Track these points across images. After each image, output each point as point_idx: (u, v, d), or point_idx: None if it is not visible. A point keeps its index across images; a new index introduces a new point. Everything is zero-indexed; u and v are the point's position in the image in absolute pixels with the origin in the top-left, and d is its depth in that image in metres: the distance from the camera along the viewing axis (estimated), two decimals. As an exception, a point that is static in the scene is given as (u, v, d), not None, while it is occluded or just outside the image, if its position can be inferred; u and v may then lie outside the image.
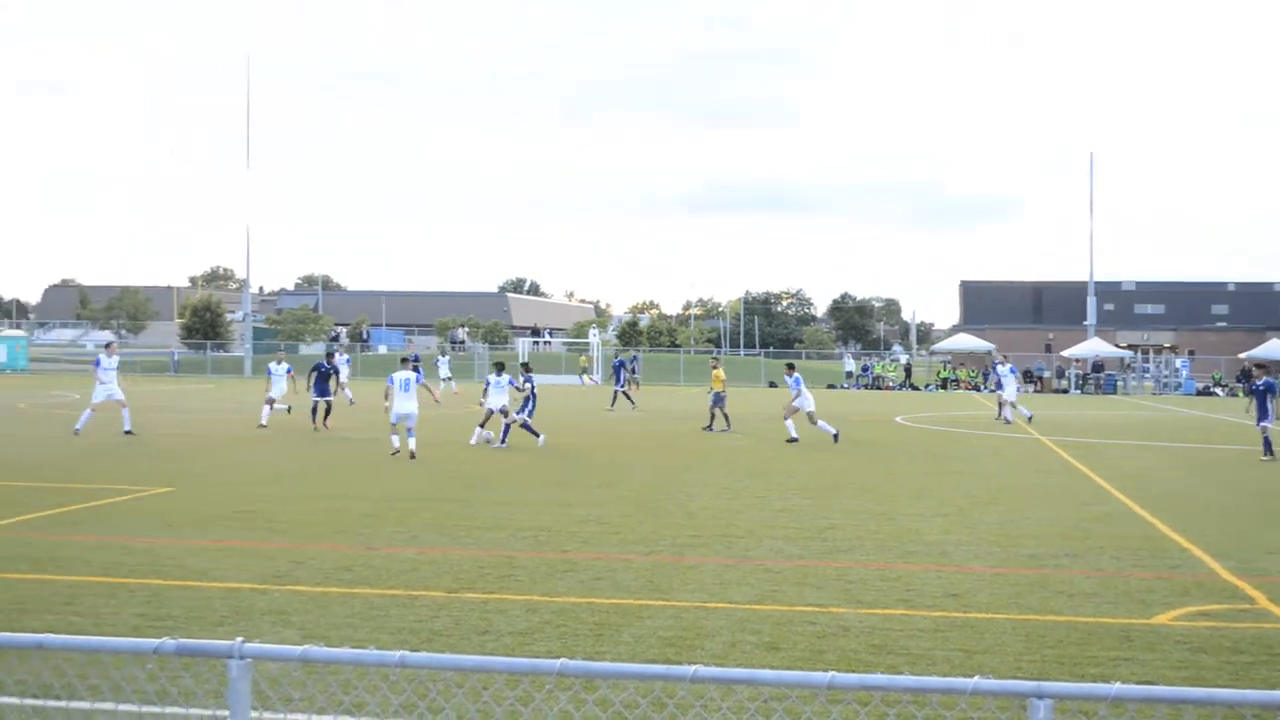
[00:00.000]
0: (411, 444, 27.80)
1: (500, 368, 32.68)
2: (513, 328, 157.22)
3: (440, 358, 62.40)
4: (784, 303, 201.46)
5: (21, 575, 13.61)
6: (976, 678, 4.73)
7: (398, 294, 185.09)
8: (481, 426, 31.90)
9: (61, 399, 51.05)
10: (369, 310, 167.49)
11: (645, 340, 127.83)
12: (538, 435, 31.33)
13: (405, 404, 28.62)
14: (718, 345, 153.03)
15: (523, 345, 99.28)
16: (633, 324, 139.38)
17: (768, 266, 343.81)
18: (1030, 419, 44.69)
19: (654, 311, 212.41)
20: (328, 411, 36.11)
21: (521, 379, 33.08)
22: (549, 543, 16.24)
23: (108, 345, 36.65)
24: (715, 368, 39.18)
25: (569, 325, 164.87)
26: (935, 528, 18.04)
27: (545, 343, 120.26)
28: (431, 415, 38.53)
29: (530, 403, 32.84)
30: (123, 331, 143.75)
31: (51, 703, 8.41)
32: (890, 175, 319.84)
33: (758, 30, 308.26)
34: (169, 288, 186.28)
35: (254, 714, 5.14)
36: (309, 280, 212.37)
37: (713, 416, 37.92)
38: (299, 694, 8.61)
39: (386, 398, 29.02)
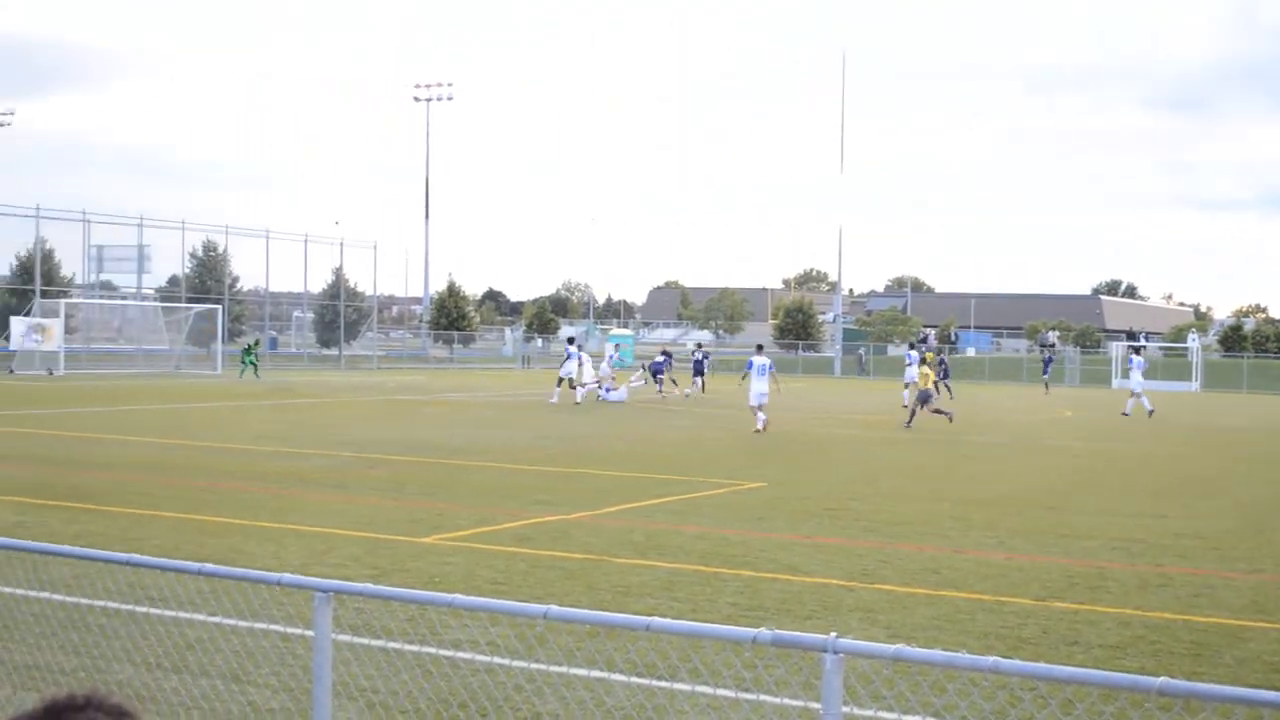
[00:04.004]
0: (762, 422, 33.33)
1: (571, 340, 46.91)
2: (1105, 330, 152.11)
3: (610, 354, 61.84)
4: None
5: (626, 560, 14.46)
6: None
7: (986, 295, 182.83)
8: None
9: (655, 397, 53.63)
10: (958, 312, 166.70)
11: (1249, 345, 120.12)
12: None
13: (760, 385, 33.98)
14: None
15: (1115, 349, 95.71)
16: (1235, 328, 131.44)
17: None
18: (1150, 413, 44.47)
19: (1260, 315, 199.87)
20: None
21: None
22: (1142, 555, 15.64)
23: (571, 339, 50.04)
24: (923, 364, 39.21)
25: (1166, 329, 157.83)
26: None
27: (1140, 347, 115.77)
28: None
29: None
30: (720, 331, 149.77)
31: (655, 682, 8.90)
32: None
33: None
34: (764, 289, 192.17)
35: (844, 709, 5.24)
36: (899, 282, 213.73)
37: (912, 413, 37.49)
38: (889, 692, 8.70)
39: (744, 379, 34.99)
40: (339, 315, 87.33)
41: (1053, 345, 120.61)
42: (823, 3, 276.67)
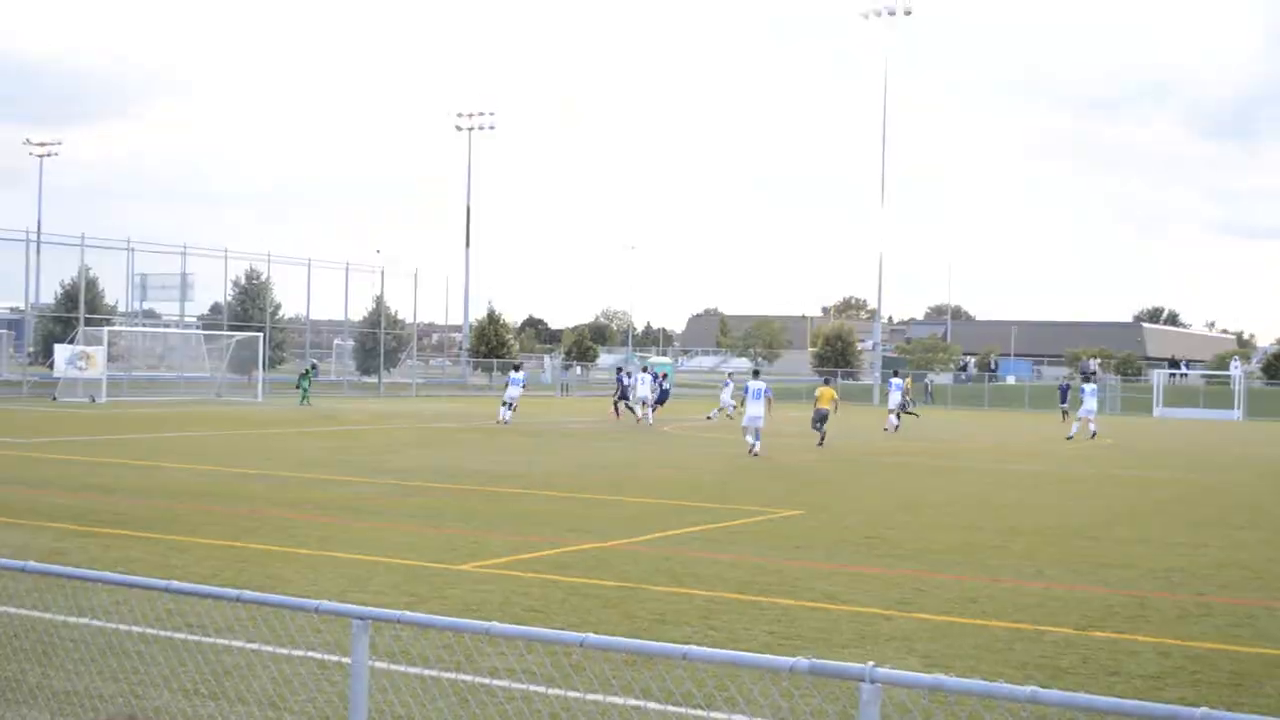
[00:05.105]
0: (757, 446, 34.65)
1: (516, 367, 51.99)
2: (1146, 359, 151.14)
3: (727, 381, 60.70)
4: None
5: (663, 588, 14.44)
6: None
7: (1027, 323, 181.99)
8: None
9: (699, 423, 53.63)
10: (998, 339, 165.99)
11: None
12: None
13: (755, 409, 35.36)
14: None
15: (1157, 377, 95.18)
16: (1279, 356, 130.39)
17: None
18: (1092, 435, 48.08)
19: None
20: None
21: None
22: (1183, 584, 15.54)
23: (517, 367, 53.24)
24: (826, 384, 42.15)
25: (1209, 357, 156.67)
26: None
27: (1182, 375, 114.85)
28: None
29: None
30: (760, 359, 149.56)
31: (691, 711, 8.90)
32: None
33: None
34: (803, 317, 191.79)
35: (880, 739, 5.21)
36: (938, 310, 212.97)
37: (818, 431, 39.45)
38: (924, 722, 8.66)
39: (741, 404, 36.30)
40: (379, 343, 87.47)
41: (1094, 373, 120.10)
42: (867, 27, 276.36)
